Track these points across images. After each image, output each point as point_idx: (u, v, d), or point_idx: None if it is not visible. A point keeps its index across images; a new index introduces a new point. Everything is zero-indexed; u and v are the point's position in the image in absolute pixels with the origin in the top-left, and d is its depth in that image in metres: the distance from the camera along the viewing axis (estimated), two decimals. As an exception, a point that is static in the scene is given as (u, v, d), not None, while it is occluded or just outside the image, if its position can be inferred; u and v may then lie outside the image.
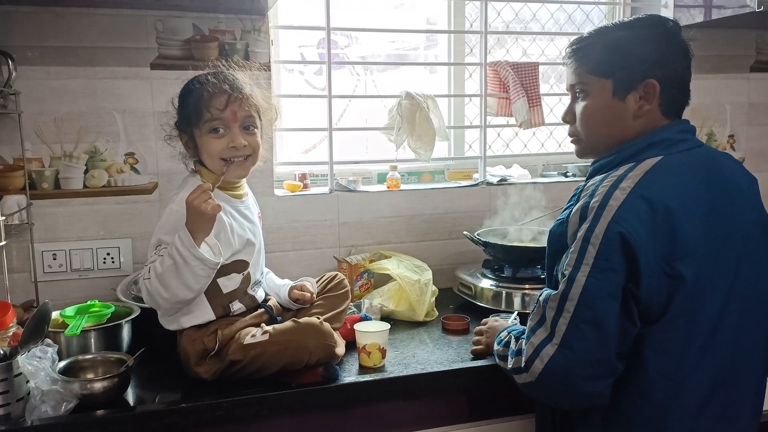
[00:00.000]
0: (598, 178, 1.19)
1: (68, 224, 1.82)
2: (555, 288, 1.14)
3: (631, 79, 1.22)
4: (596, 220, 1.10)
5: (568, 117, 1.34)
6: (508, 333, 1.32)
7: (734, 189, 1.21)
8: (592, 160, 1.32)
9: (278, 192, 2.03)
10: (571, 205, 1.20)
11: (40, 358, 1.27)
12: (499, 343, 1.33)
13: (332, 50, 2.05)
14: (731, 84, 2.44)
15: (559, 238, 1.17)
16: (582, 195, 1.17)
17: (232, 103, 1.37)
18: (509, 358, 1.23)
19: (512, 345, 1.25)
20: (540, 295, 1.17)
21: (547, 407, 1.32)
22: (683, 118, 1.28)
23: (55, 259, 1.80)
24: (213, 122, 1.37)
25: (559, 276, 1.14)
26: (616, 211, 1.09)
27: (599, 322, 1.09)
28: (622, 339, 1.11)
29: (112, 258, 1.84)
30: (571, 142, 1.36)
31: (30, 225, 1.74)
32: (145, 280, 1.30)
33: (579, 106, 1.30)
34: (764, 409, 1.29)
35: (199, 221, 1.27)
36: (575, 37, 1.32)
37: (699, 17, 2.23)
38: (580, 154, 1.36)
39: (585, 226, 1.11)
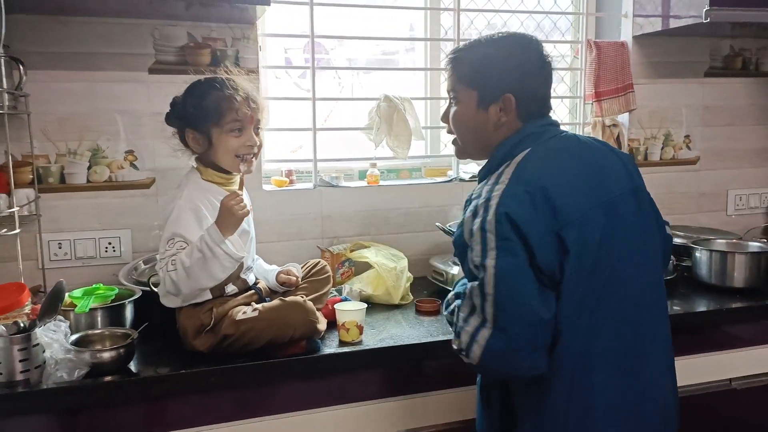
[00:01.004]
0: (482, 183, 1.31)
1: (72, 216, 1.97)
2: (472, 280, 1.24)
3: (493, 92, 1.34)
4: (486, 211, 1.22)
5: (444, 119, 1.47)
6: (456, 295, 1.38)
7: (604, 163, 1.33)
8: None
9: (266, 187, 2.19)
10: (465, 208, 1.31)
11: (54, 331, 1.43)
12: (446, 308, 1.41)
13: (319, 54, 2.21)
14: (687, 88, 2.62)
15: (460, 238, 1.27)
16: (472, 198, 1.29)
17: (251, 107, 1.56)
18: (453, 334, 1.29)
19: (456, 320, 1.28)
20: (465, 287, 1.26)
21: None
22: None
23: (60, 247, 1.96)
24: (236, 122, 1.54)
25: (472, 268, 1.23)
26: (498, 199, 1.21)
27: (518, 297, 1.18)
28: (546, 306, 1.20)
29: (113, 247, 2.00)
30: (452, 142, 1.49)
31: (38, 216, 1.90)
32: (169, 271, 1.46)
33: (451, 111, 1.43)
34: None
35: (230, 221, 1.47)
36: (455, 47, 1.45)
37: (657, 26, 2.42)
38: (458, 154, 1.50)
39: (478, 220, 1.22)
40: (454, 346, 1.27)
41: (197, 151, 1.59)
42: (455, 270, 2.04)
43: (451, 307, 1.37)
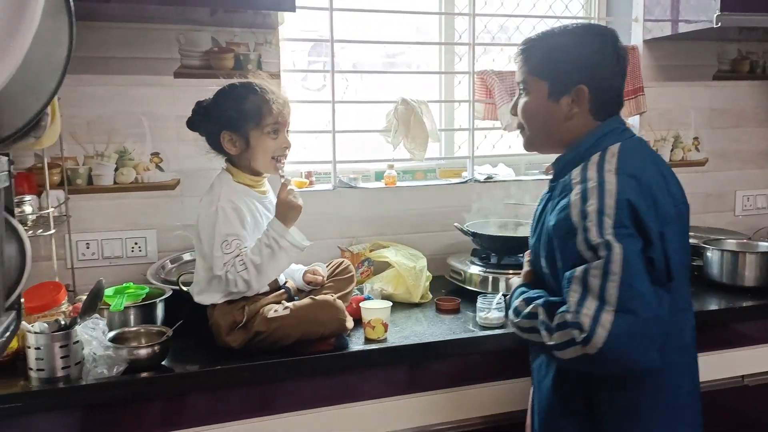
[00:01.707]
0: (577, 169, 1.29)
1: (100, 216, 2.02)
2: (570, 268, 1.20)
3: (565, 83, 1.32)
4: (602, 195, 1.19)
5: (513, 110, 1.44)
6: (526, 303, 1.31)
7: (667, 171, 1.35)
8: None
9: (287, 188, 2.23)
10: (563, 195, 1.28)
11: (93, 328, 1.48)
12: (517, 314, 1.32)
13: (326, 56, 2.26)
14: (695, 91, 2.67)
15: (567, 220, 1.22)
16: (573, 183, 1.26)
17: (286, 110, 1.62)
18: (545, 332, 1.22)
19: (543, 317, 1.23)
20: (568, 276, 1.19)
21: (574, 382, 1.34)
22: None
23: (88, 247, 2.01)
24: (275, 125, 1.61)
25: (584, 250, 1.18)
26: (616, 186, 1.20)
27: (641, 286, 1.15)
28: (661, 301, 1.18)
29: (140, 247, 2.05)
30: (520, 133, 1.47)
31: (68, 217, 1.94)
32: (240, 272, 1.53)
33: (521, 102, 1.40)
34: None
35: (291, 213, 1.57)
36: (526, 37, 1.41)
37: (667, 30, 2.46)
38: (526, 146, 1.46)
39: (593, 202, 1.19)
40: (551, 342, 1.20)
41: (232, 153, 1.63)
42: (473, 269, 2.08)
43: (528, 310, 1.29)
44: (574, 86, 1.32)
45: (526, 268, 1.48)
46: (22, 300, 0.95)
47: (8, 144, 0.84)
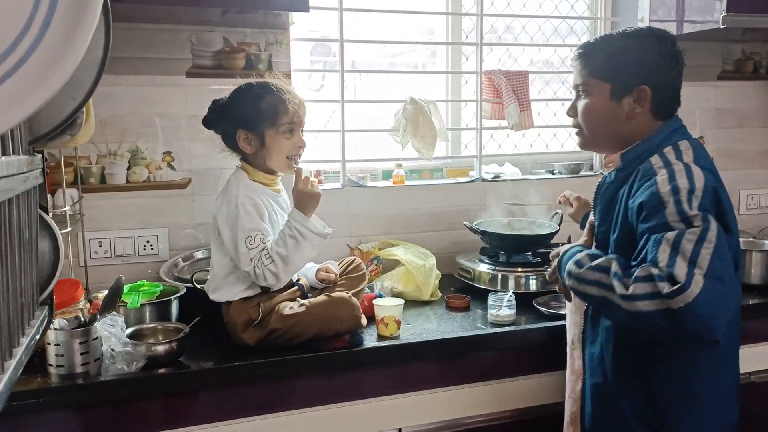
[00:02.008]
0: (655, 156, 1.33)
1: (112, 215, 2.03)
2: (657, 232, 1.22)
3: (627, 84, 1.38)
4: (690, 178, 1.24)
5: (571, 112, 1.49)
6: (590, 258, 1.31)
7: None
8: (589, 153, 1.54)
9: (296, 187, 2.25)
10: (646, 178, 1.30)
11: (112, 325, 1.50)
12: (580, 266, 1.32)
13: (327, 57, 2.28)
14: (700, 91, 2.70)
15: (655, 195, 1.25)
16: (656, 168, 1.30)
17: (302, 110, 1.64)
18: (618, 283, 1.21)
19: (616, 270, 1.23)
20: (657, 237, 1.20)
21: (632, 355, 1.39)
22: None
23: (101, 246, 2.02)
24: (290, 125, 1.63)
25: (675, 222, 1.20)
26: (702, 174, 1.26)
27: (729, 259, 1.20)
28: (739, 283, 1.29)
29: (151, 245, 2.06)
30: (576, 134, 1.52)
31: (81, 216, 1.96)
32: (267, 265, 1.55)
33: (580, 104, 1.46)
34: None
35: (311, 203, 1.59)
36: (584, 41, 1.49)
37: (672, 31, 2.48)
38: (582, 145, 1.52)
39: (683, 182, 1.24)
40: (624, 292, 1.19)
41: (248, 152, 1.65)
42: (482, 267, 2.10)
43: (597, 262, 1.29)
44: (636, 87, 1.37)
45: (587, 237, 1.52)
46: (54, 296, 0.96)
47: (45, 141, 0.86)
